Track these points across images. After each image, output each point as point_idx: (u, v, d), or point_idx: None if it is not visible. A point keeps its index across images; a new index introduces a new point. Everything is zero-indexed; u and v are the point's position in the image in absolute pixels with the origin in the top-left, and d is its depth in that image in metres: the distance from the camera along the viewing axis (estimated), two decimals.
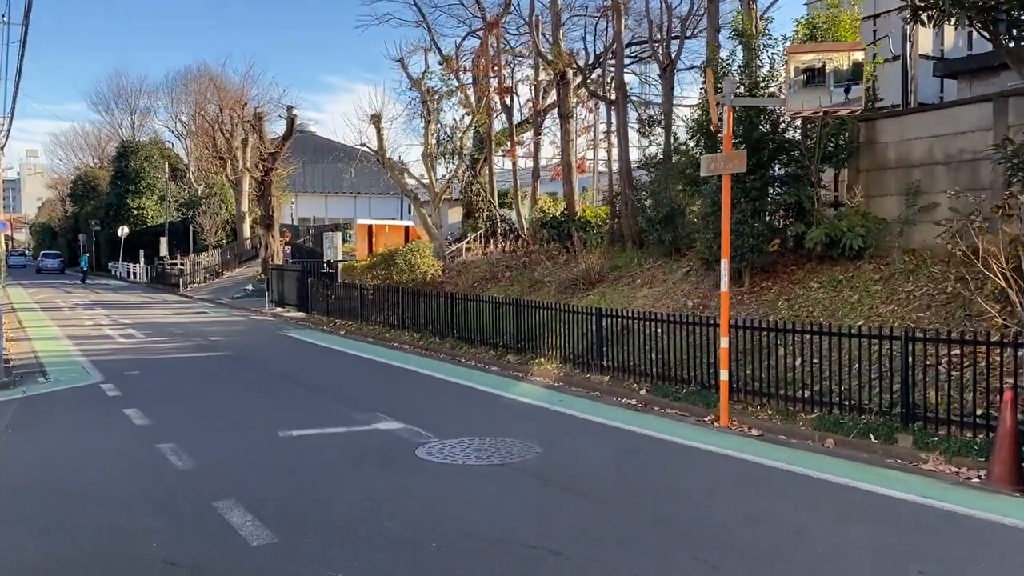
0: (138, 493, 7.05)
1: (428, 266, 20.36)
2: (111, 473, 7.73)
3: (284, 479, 7.40)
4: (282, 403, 11.30)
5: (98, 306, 30.70)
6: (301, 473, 7.61)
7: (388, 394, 12.18)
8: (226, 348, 17.76)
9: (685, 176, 15.08)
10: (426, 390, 12.63)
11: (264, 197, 34.50)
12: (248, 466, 7.93)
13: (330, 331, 21.35)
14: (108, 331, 21.49)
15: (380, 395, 12.01)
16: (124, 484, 7.35)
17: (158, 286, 44.97)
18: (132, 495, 6.99)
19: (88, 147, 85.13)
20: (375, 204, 72.19)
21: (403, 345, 18.00)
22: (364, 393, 12.18)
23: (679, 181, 15.38)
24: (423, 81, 22.17)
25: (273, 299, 27.78)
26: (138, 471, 7.77)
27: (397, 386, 13.00)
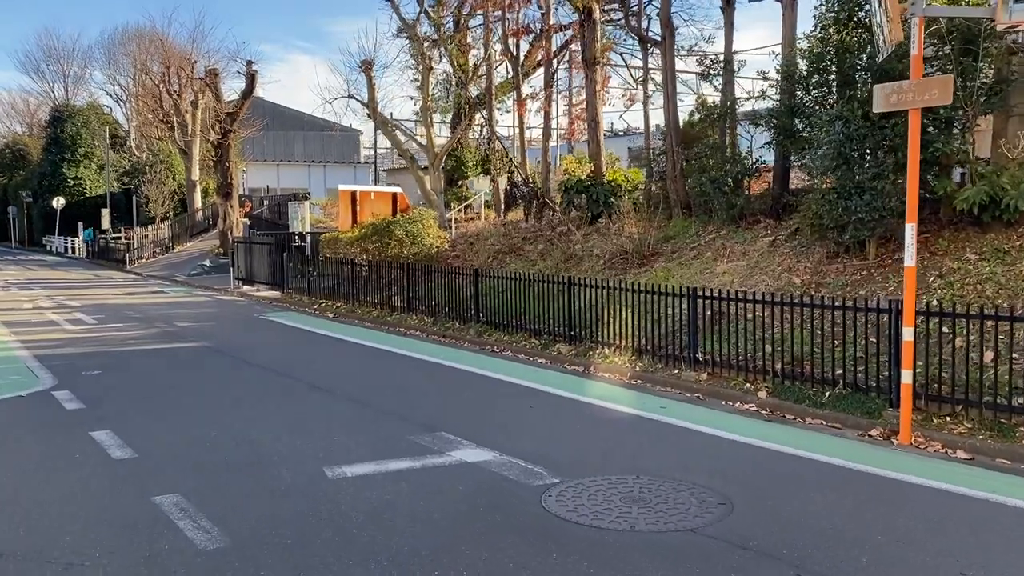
0: None
1: (434, 238, 17.59)
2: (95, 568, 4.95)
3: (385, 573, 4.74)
4: (305, 416, 8.56)
5: (36, 285, 27.16)
6: (405, 557, 4.95)
7: (437, 400, 9.51)
8: (200, 336, 14.81)
9: (777, 126, 12.58)
10: (480, 392, 9.99)
11: (221, 163, 31.13)
12: (316, 544, 5.23)
13: (315, 314, 18.47)
14: (52, 316, 18.26)
15: (428, 402, 9.34)
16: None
17: (101, 262, 41.16)
18: None
19: (16, 113, 79.16)
20: (330, 173, 68.70)
21: (413, 331, 15.28)
22: (405, 399, 9.49)
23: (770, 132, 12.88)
24: (418, 25, 19.21)
25: (240, 276, 24.66)
26: (137, 555, 5.01)
27: (440, 387, 10.33)
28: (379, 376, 11.13)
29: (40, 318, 17.90)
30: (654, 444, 7.55)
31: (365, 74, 19.91)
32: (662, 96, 16.07)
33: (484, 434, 7.61)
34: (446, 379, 10.90)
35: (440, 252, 17.86)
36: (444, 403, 9.29)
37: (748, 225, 13.51)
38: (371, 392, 9.91)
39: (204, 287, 25.99)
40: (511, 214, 21.65)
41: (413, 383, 10.59)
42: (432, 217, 17.97)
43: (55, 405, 9.21)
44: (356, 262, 18.17)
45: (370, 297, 17.79)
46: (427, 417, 8.41)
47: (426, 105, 19.46)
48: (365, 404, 9.21)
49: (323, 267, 20.09)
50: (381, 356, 12.77)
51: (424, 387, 10.32)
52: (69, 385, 10.27)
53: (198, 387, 10.27)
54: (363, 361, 12.48)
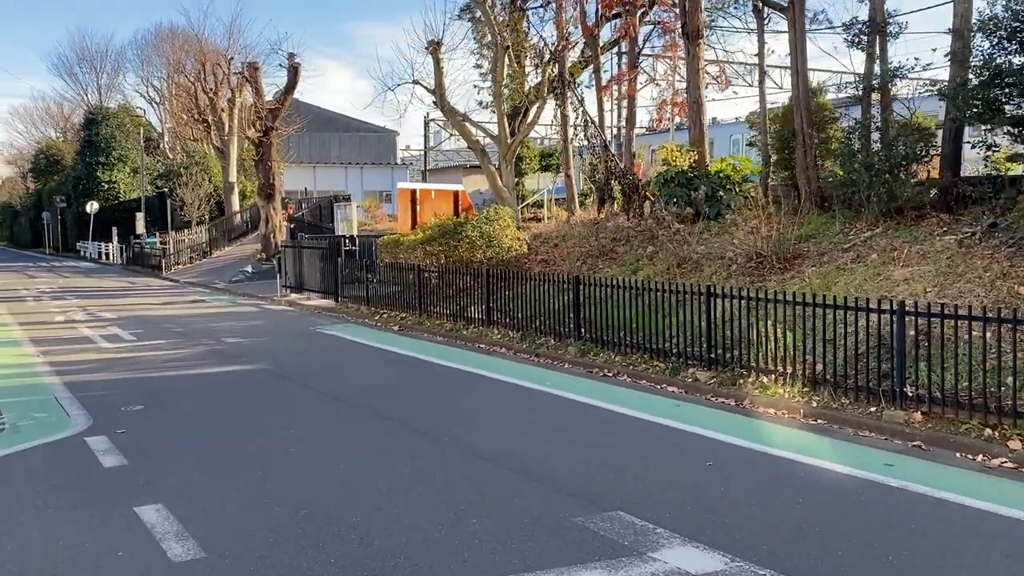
0: None
1: (512, 240, 15.44)
2: None
3: None
4: (416, 478, 6.43)
5: (69, 294, 25.43)
6: None
7: (576, 451, 7.30)
8: (255, 356, 12.77)
9: (960, 98, 10.24)
10: (626, 438, 7.78)
11: (262, 162, 29.24)
12: None
13: (378, 326, 16.40)
14: (86, 330, 16.37)
15: (565, 454, 7.16)
16: None
17: (136, 268, 39.57)
18: None
19: (50, 118, 78.55)
20: (366, 175, 67.07)
21: (496, 347, 13.14)
22: (534, 449, 7.33)
23: (955, 106, 10.53)
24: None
25: (287, 283, 22.70)
26: None
27: (565, 429, 8.14)
28: (483, 411, 8.97)
29: (72, 334, 16.01)
30: (925, 535, 5.31)
31: (432, 56, 17.77)
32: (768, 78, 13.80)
33: (681, 517, 5.43)
34: (568, 416, 8.72)
35: (518, 255, 15.70)
36: (589, 458, 7.10)
37: (912, 221, 11.19)
38: (485, 437, 7.76)
39: (248, 295, 24.07)
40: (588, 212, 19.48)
41: (530, 422, 8.42)
42: (509, 216, 15.84)
43: (89, 459, 7.15)
44: (423, 268, 16.06)
45: (440, 307, 15.68)
46: (580, 482, 6.25)
47: (499, 90, 17.30)
48: (485, 457, 7.05)
49: (383, 273, 18.02)
50: (473, 382, 10.62)
51: (546, 429, 8.15)
52: (106, 427, 8.24)
53: (265, 429, 8.17)
54: (455, 389, 10.33)
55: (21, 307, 21.54)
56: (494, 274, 14.17)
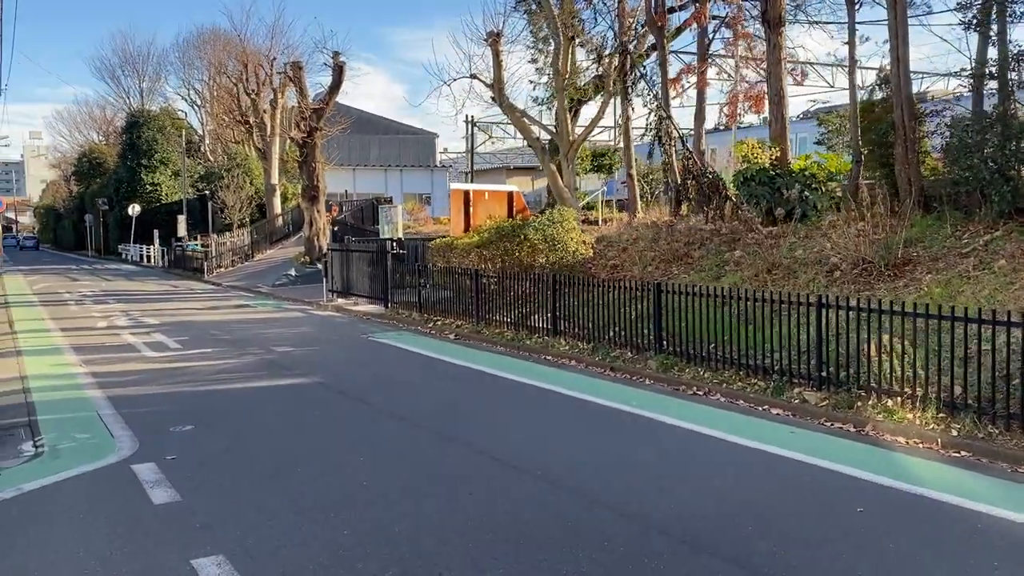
0: None
1: (577, 243, 14.44)
2: None
3: None
4: (519, 529, 5.46)
5: (111, 297, 24.93)
6: None
7: (706, 494, 6.30)
8: (308, 367, 11.92)
9: None
10: (752, 473, 6.75)
11: (306, 163, 28.56)
12: None
13: (432, 334, 15.50)
14: (129, 337, 15.68)
15: (694, 491, 6.16)
16: None
17: (177, 271, 39.25)
18: None
19: (93, 122, 79.21)
20: (406, 177, 66.43)
21: (564, 360, 12.15)
22: (653, 486, 6.34)
23: None
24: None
25: (334, 288, 21.93)
26: None
27: (676, 462, 7.13)
28: (564, 436, 7.97)
29: (115, 341, 15.32)
30: None
31: (492, 48, 16.81)
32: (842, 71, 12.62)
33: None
34: (670, 445, 7.71)
35: (583, 260, 14.69)
36: (715, 500, 6.08)
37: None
38: (576, 471, 6.76)
39: (293, 299, 23.35)
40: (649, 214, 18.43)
41: (631, 453, 7.41)
42: (574, 218, 14.84)
43: (136, 493, 6.29)
44: (482, 273, 15.12)
45: (500, 315, 14.73)
46: (722, 533, 5.23)
47: (561, 84, 16.27)
48: (604, 503, 6.06)
49: (435, 278, 17.13)
50: (547, 399, 9.63)
51: (653, 461, 7.14)
52: (155, 451, 7.40)
53: (330, 459, 7.26)
54: (528, 408, 9.35)
55: (63, 311, 21.01)
56: (561, 280, 13.18)
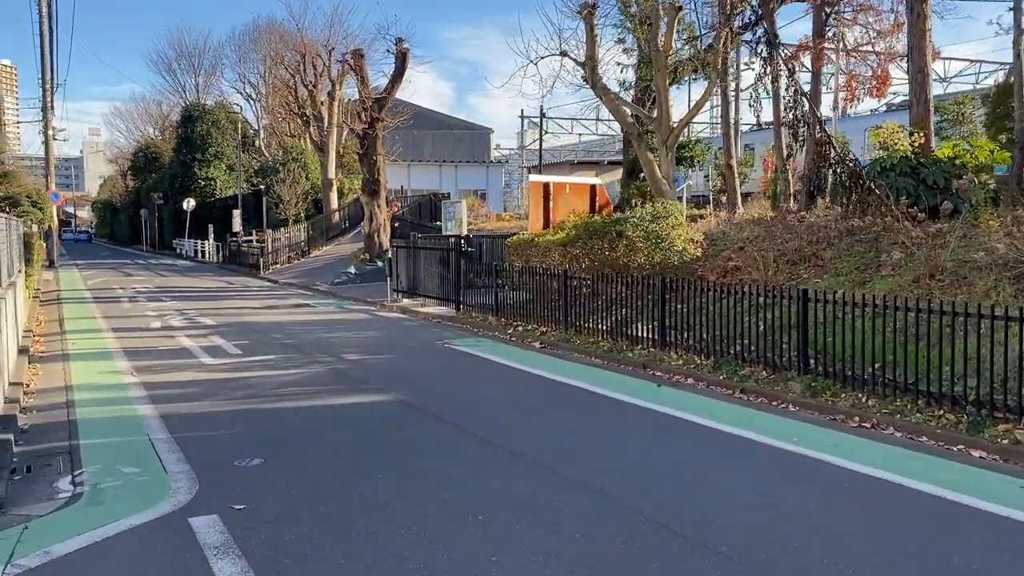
0: None
1: (685, 241, 12.69)
2: None
3: None
4: None
5: (165, 295, 23.85)
6: None
7: None
8: (385, 380, 10.40)
9: None
10: (987, 546, 5.01)
11: (367, 156, 27.20)
12: None
13: (513, 341, 13.93)
14: (184, 340, 14.38)
15: None
16: None
17: (232, 267, 38.34)
18: None
19: (149, 117, 79.49)
20: (461, 173, 65.22)
21: (677, 376, 10.45)
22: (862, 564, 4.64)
23: None
24: None
25: (399, 287, 20.49)
26: None
27: (890, 530, 5.40)
28: (739, 486, 6.27)
29: (170, 344, 14.02)
30: None
31: (586, 21, 15.05)
32: None
33: None
34: (872, 500, 5.96)
35: (690, 261, 12.93)
36: None
37: None
38: (789, 548, 5.07)
39: (355, 299, 21.98)
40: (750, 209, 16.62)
41: (828, 517, 5.70)
42: (680, 212, 13.09)
43: (195, 562, 4.78)
44: (572, 274, 13.47)
45: (593, 322, 13.06)
46: None
47: (663, 62, 14.46)
48: None
49: (515, 279, 15.52)
50: (675, 429, 7.94)
51: (859, 525, 5.42)
52: (217, 495, 5.92)
53: (434, 509, 5.68)
54: (656, 440, 7.66)
55: (116, 309, 19.91)
56: (672, 284, 11.45)
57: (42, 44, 36.34)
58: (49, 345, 14.01)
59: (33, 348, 13.41)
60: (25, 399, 9.51)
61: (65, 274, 34.05)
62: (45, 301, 22.14)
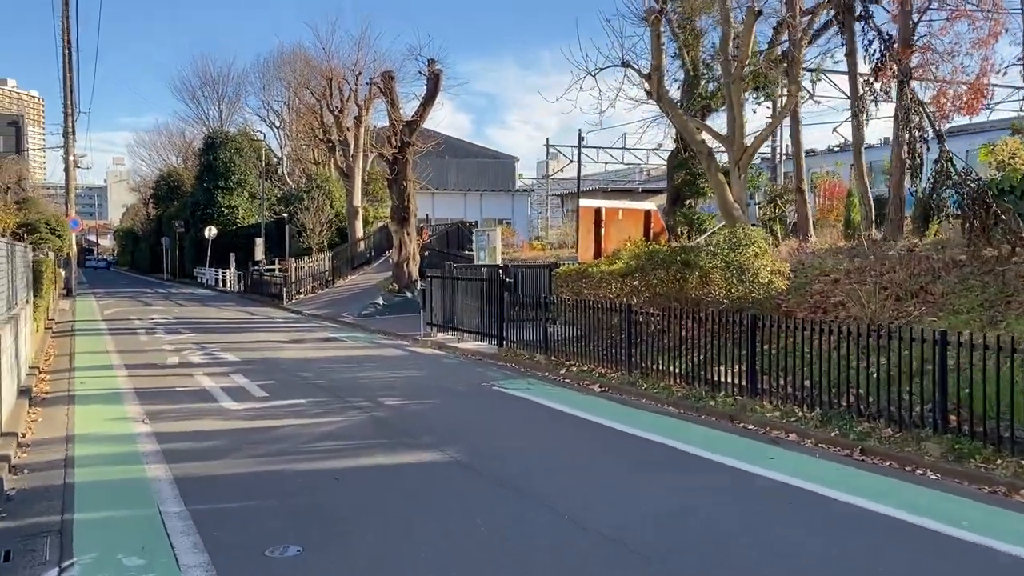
0: None
1: (770, 272, 11.18)
2: None
3: None
4: None
5: (184, 326, 22.55)
6: None
7: None
8: (432, 432, 8.93)
9: None
10: None
11: (396, 182, 25.95)
12: None
13: (567, 383, 12.46)
14: (204, 379, 12.99)
15: None
16: None
17: (254, 296, 37.16)
18: None
19: (172, 145, 79.21)
20: (485, 202, 64.02)
21: (775, 430, 8.92)
22: None
23: None
24: None
25: (434, 321, 19.07)
26: None
27: None
28: None
29: (188, 384, 12.62)
30: None
31: (651, 28, 13.66)
32: None
33: None
34: None
35: (775, 295, 11.40)
36: None
37: None
38: None
39: (385, 333, 20.57)
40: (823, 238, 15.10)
41: None
42: (763, 240, 11.61)
43: None
44: (638, 309, 11.98)
45: (663, 363, 11.54)
46: None
47: (738, 73, 13.01)
48: None
49: (567, 313, 14.05)
50: (811, 507, 6.39)
51: None
52: None
53: None
54: (804, 527, 6.11)
55: (132, 343, 18.60)
56: (765, 322, 9.93)
57: (65, 69, 35.64)
58: (55, 384, 12.67)
59: (37, 388, 12.08)
60: (18, 453, 8.13)
61: (82, 303, 32.96)
62: (58, 333, 20.91)
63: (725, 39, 13.26)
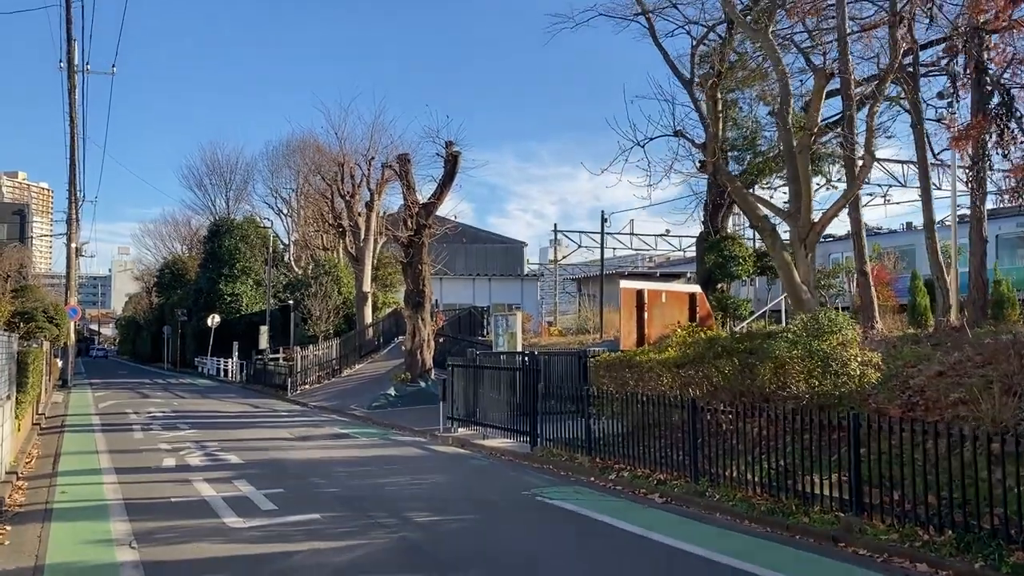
0: None
1: (861, 364, 9.65)
2: None
3: None
4: None
5: (183, 421, 20.90)
6: None
7: None
8: (483, 567, 7.32)
9: None
10: None
11: (412, 266, 24.71)
12: None
13: (618, 490, 10.87)
14: (203, 486, 11.35)
15: None
16: None
17: (257, 387, 35.55)
18: None
19: (178, 234, 78.65)
20: (495, 287, 62.97)
21: (894, 558, 7.31)
22: None
23: None
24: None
25: (454, 414, 17.46)
26: None
27: None
28: None
29: (185, 493, 10.98)
30: None
31: (708, 94, 12.54)
32: None
33: None
34: None
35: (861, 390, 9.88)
36: None
37: None
38: None
39: (400, 428, 18.92)
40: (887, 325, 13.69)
41: None
42: (850, 326, 10.16)
43: None
44: (706, 406, 10.43)
45: (737, 469, 9.93)
46: None
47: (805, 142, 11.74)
48: None
49: (614, 407, 12.49)
50: None
51: None
52: None
53: None
54: None
55: (125, 441, 16.97)
56: (870, 422, 8.38)
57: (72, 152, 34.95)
58: (32, 494, 11.03)
59: (11, 499, 10.47)
60: None
61: (77, 395, 31.33)
62: (46, 429, 19.30)
63: (784, 106, 12.12)
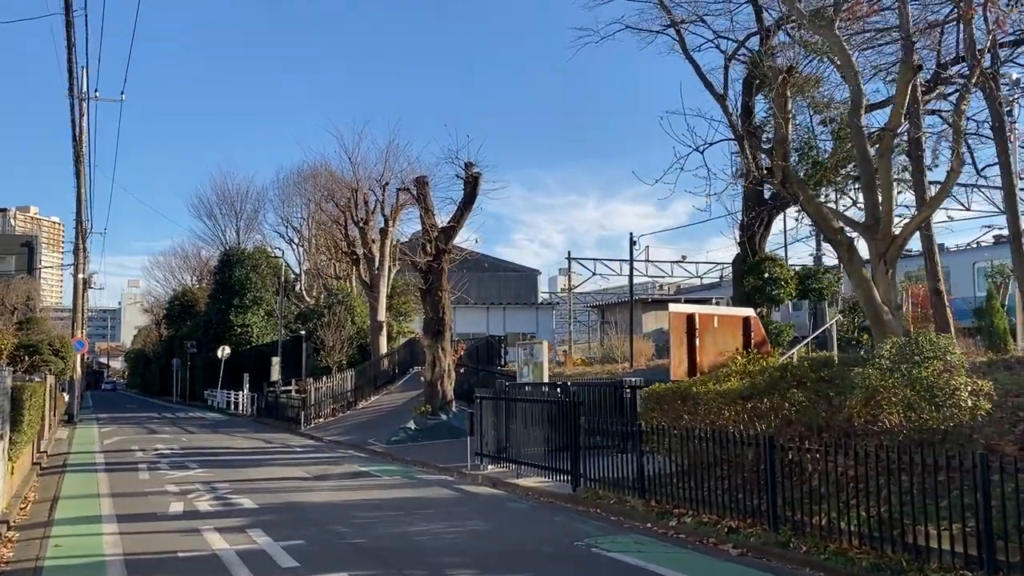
0: None
1: (971, 395, 8.33)
2: None
3: None
4: None
5: (192, 459, 19.63)
6: None
7: None
8: None
9: None
10: None
11: (431, 293, 23.53)
12: None
13: (681, 539, 9.57)
14: (213, 537, 10.06)
15: None
16: None
17: (268, 420, 34.28)
18: None
19: (188, 265, 77.76)
20: (508, 316, 61.79)
21: None
22: None
23: None
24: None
25: (483, 451, 16.16)
26: None
27: None
28: None
29: (192, 546, 9.69)
30: None
31: (778, 91, 11.36)
32: None
33: None
34: None
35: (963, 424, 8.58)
36: None
37: None
38: None
39: (424, 465, 17.61)
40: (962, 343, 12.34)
41: None
42: (951, 345, 8.89)
43: None
44: (786, 444, 9.12)
45: (826, 515, 8.60)
46: None
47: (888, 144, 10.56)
48: None
49: (668, 443, 11.18)
50: None
51: None
52: None
53: None
54: None
55: (129, 482, 15.70)
56: (1006, 465, 7.07)
57: (78, 181, 34.10)
58: (22, 549, 9.77)
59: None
60: None
61: (83, 431, 30.12)
62: (47, 469, 18.09)
63: (856, 105, 10.93)
